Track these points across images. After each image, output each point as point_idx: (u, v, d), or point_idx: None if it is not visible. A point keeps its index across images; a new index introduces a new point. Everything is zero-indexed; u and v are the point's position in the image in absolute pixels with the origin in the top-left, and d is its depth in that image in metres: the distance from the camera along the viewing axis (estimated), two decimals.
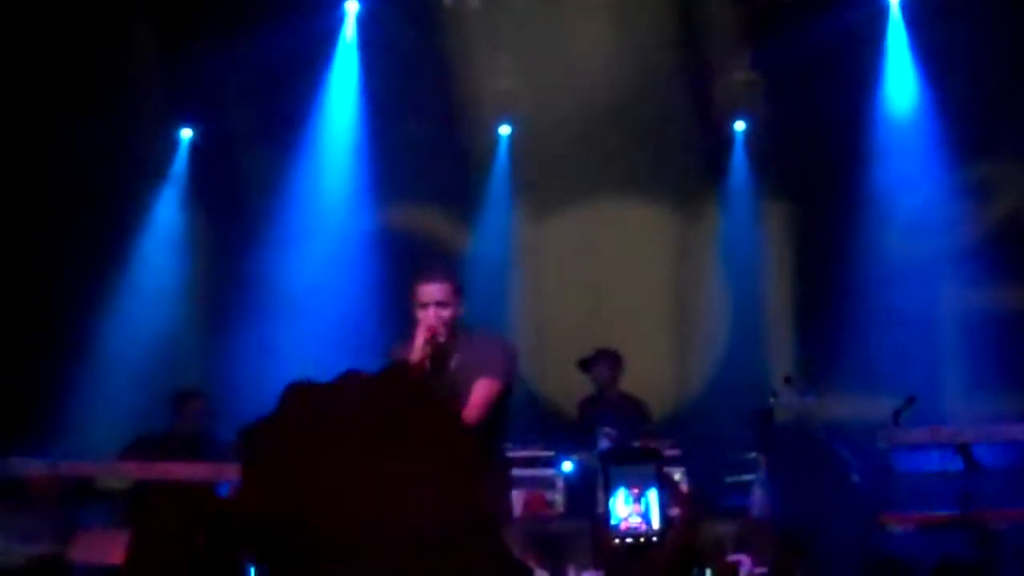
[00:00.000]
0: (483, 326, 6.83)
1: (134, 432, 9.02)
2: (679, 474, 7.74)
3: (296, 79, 10.94)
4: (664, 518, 2.46)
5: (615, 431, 8.60)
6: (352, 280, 10.82)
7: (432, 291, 6.31)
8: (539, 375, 10.13)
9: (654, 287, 11.21)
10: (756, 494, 8.57)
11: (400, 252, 10.64)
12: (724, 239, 11.23)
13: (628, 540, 2.47)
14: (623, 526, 2.47)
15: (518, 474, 8.19)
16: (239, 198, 10.84)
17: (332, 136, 11.14)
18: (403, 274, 9.29)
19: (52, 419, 9.37)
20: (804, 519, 8.62)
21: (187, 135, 11.21)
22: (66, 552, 7.71)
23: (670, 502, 2.47)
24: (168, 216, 10.92)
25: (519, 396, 7.20)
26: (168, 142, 11.03)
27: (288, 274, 10.76)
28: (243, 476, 1.84)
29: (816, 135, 10.60)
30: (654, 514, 2.46)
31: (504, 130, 11.57)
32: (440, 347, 6.20)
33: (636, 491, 2.46)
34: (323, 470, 1.74)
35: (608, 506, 2.47)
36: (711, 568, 4.75)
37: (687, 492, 2.17)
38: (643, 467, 2.48)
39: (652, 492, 2.47)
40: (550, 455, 8.80)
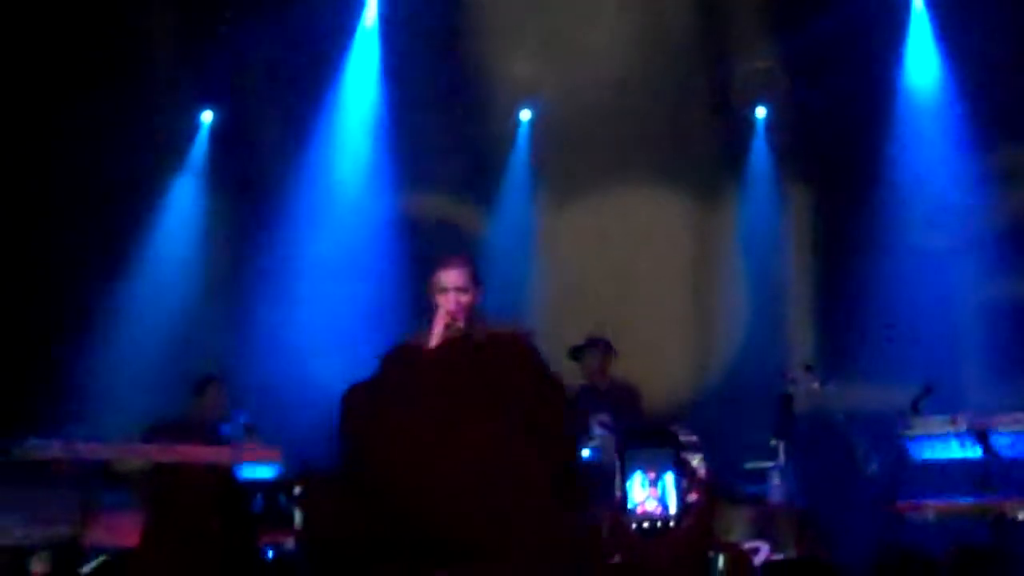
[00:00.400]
0: (502, 314, 6.85)
1: (152, 416, 9.04)
2: (697, 460, 7.70)
3: (317, 63, 10.93)
4: (681, 502, 2.46)
5: (609, 419, 8.56)
6: (370, 266, 10.81)
7: (452, 277, 6.30)
8: (558, 362, 10.09)
9: (674, 273, 11.18)
10: (774, 481, 8.55)
11: (418, 238, 10.63)
12: (744, 226, 11.19)
13: (644, 524, 2.46)
14: (639, 510, 2.47)
15: None
16: (258, 181, 10.83)
17: (351, 120, 11.13)
18: (421, 260, 9.32)
19: (70, 402, 9.39)
20: (822, 506, 8.61)
21: (207, 118, 11.20)
22: (84, 534, 7.74)
23: (687, 487, 2.47)
24: (187, 199, 10.93)
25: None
26: (188, 124, 11.04)
27: (306, 258, 10.76)
28: (346, 435, 1.84)
29: (836, 121, 10.56)
30: (671, 498, 2.46)
31: (525, 115, 11.53)
32: (458, 333, 6.21)
33: (653, 475, 2.46)
34: (426, 428, 1.74)
35: (625, 490, 2.46)
36: (724, 555, 4.73)
37: (704, 477, 2.15)
38: (660, 451, 2.47)
39: (669, 476, 2.47)
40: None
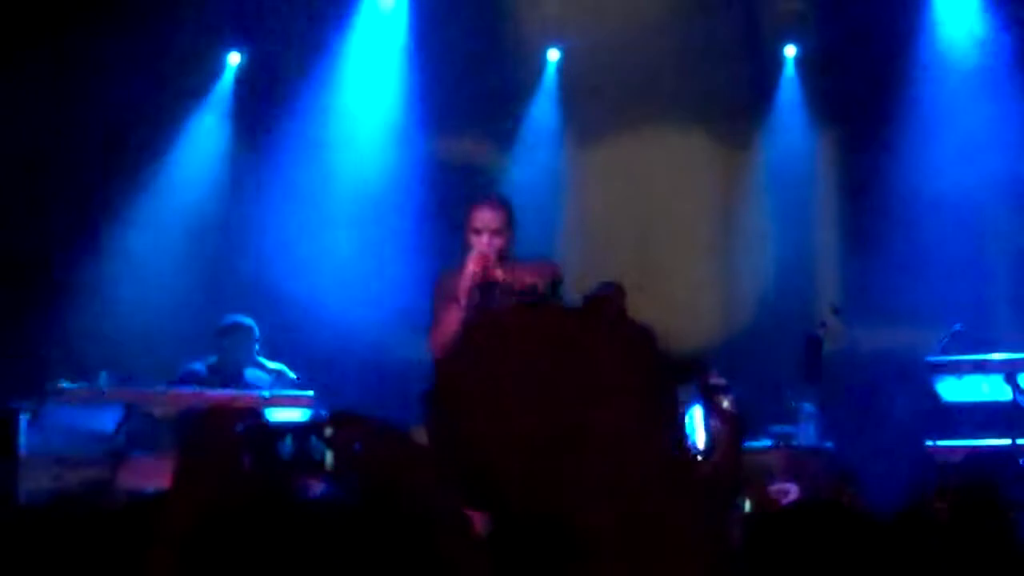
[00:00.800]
0: (530, 256, 6.87)
1: (180, 360, 9.05)
2: (727, 402, 7.68)
3: (344, 5, 10.85)
4: (709, 435, 2.42)
5: None
6: (394, 209, 10.77)
7: (487, 218, 6.38)
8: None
9: (701, 216, 11.11)
10: (803, 423, 8.54)
11: (442, 181, 10.57)
12: (772, 167, 11.10)
13: None
14: None
15: None
16: (283, 124, 10.77)
17: (378, 62, 11.04)
18: (447, 204, 9.29)
19: (99, 347, 9.40)
20: (851, 448, 8.59)
21: (235, 60, 11.04)
22: (115, 478, 7.78)
23: (714, 419, 2.43)
24: (212, 140, 10.86)
25: None
26: (215, 65, 10.93)
27: (328, 204, 10.72)
28: (434, 413, 1.81)
29: (867, 61, 10.43)
30: (698, 431, 2.42)
31: (552, 56, 11.37)
32: (491, 274, 6.24)
33: (679, 408, 2.42)
34: (516, 406, 1.70)
35: None
36: (751, 498, 4.71)
37: (731, 410, 2.12)
38: (686, 384, 2.43)
39: (696, 409, 2.43)
40: None
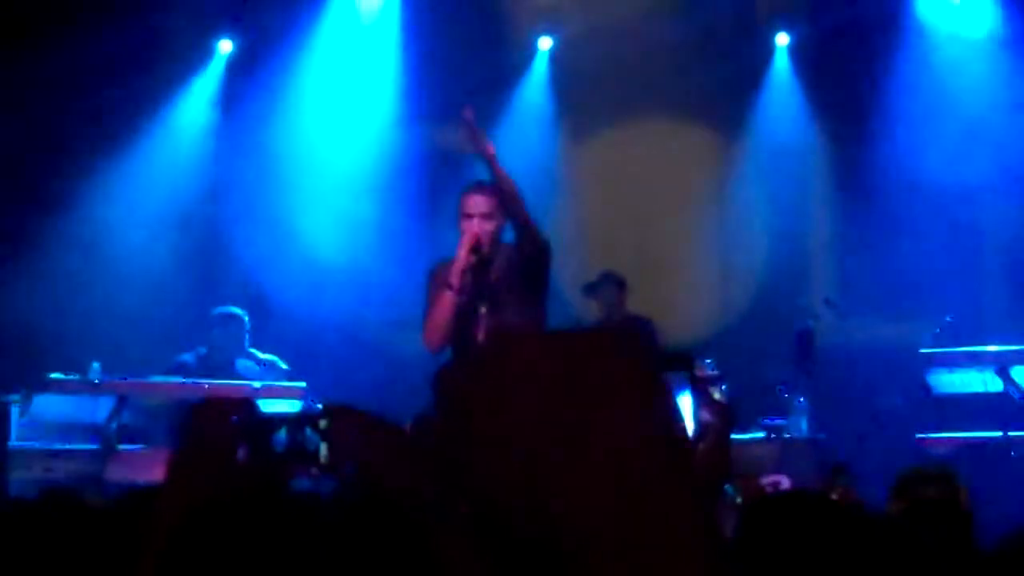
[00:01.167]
0: None
1: (173, 350, 9.05)
2: (718, 393, 7.69)
3: None
4: (697, 424, 2.41)
5: None
6: (383, 196, 10.76)
7: (478, 202, 6.51)
8: (580, 299, 10.03)
9: (695, 206, 11.11)
10: (795, 415, 8.54)
11: (435, 171, 10.55)
12: (764, 157, 11.09)
13: None
14: None
15: None
16: (273, 113, 10.75)
17: (367, 49, 11.00)
18: (438, 193, 9.28)
19: (90, 337, 9.40)
20: (843, 440, 8.60)
21: (226, 49, 11.00)
22: (105, 470, 7.78)
23: (702, 408, 2.42)
24: (201, 126, 10.82)
25: (561, 319, 7.26)
26: (205, 53, 10.89)
27: (320, 191, 10.71)
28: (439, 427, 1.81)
29: (861, 49, 10.44)
30: (687, 420, 2.41)
31: (544, 44, 11.33)
32: (483, 258, 6.31)
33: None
34: (525, 426, 1.69)
35: None
36: (739, 487, 4.71)
37: (721, 401, 2.11)
38: (675, 374, 2.43)
39: (684, 397, 2.42)
40: None
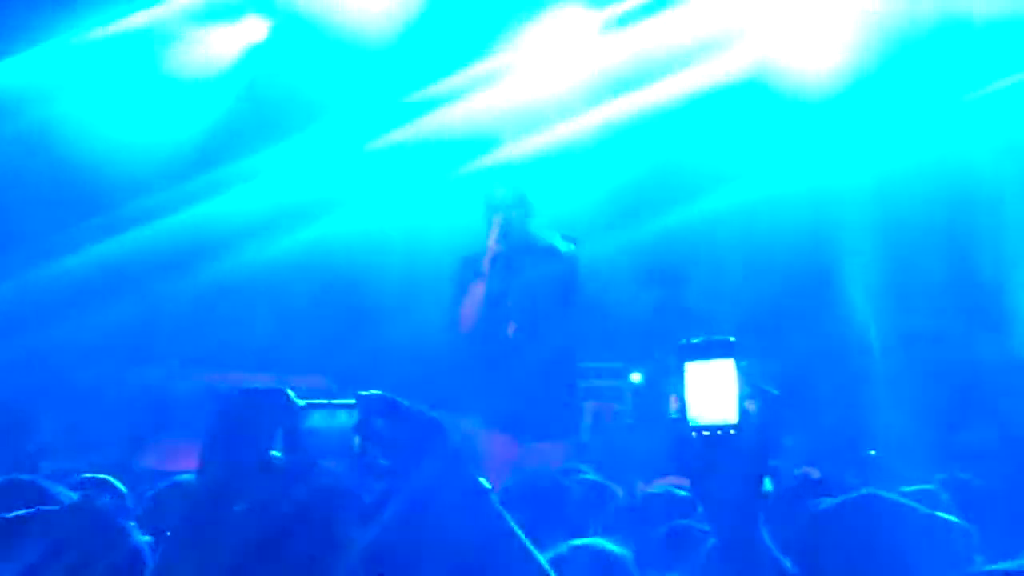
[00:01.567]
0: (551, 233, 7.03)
1: None
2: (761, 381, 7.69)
3: None
4: (742, 411, 2.42)
5: None
6: None
7: (502, 195, 6.61)
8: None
9: None
10: None
11: None
12: None
13: (705, 433, 2.43)
14: (699, 421, 2.44)
15: (587, 385, 8.22)
16: None
17: None
18: None
19: None
20: None
21: None
22: (134, 459, 7.84)
23: (747, 395, 2.43)
24: None
25: (590, 307, 7.30)
26: None
27: None
28: None
29: None
30: (732, 407, 2.42)
31: None
32: (511, 246, 6.64)
33: (712, 385, 2.43)
34: None
35: (683, 402, 2.44)
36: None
37: (765, 389, 2.15)
38: (720, 361, 2.44)
39: (729, 385, 2.43)
40: (619, 366, 8.81)
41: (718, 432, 2.39)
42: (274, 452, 2.78)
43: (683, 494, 4.19)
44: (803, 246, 9.04)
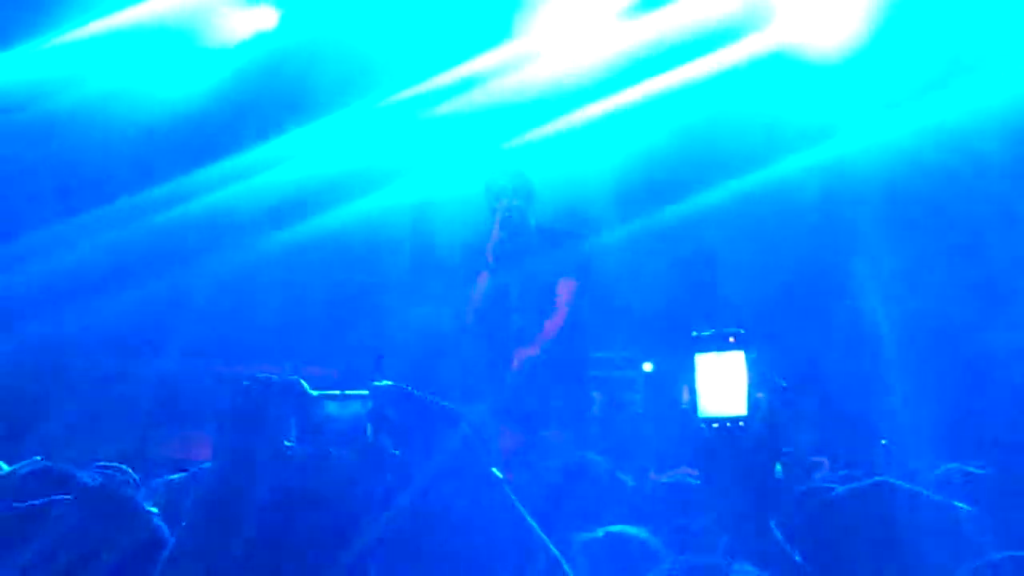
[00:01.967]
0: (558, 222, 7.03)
1: None
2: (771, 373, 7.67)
3: None
4: (752, 403, 2.43)
5: None
6: None
7: (505, 184, 6.58)
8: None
9: None
10: None
11: None
12: None
13: (715, 425, 2.44)
14: (709, 412, 2.45)
15: (599, 375, 8.21)
16: None
17: None
18: None
19: None
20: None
21: None
22: (149, 448, 7.86)
23: (756, 386, 2.44)
24: None
25: (599, 297, 7.29)
26: None
27: None
28: None
29: None
30: (741, 399, 2.43)
31: None
32: (513, 235, 6.62)
33: (722, 377, 2.43)
34: None
35: (693, 393, 2.45)
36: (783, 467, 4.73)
37: (774, 379, 2.15)
38: (730, 353, 2.45)
39: (739, 377, 2.44)
40: (631, 356, 8.80)
41: (727, 424, 2.40)
42: (287, 442, 2.78)
43: (695, 483, 4.21)
44: (813, 234, 9.02)
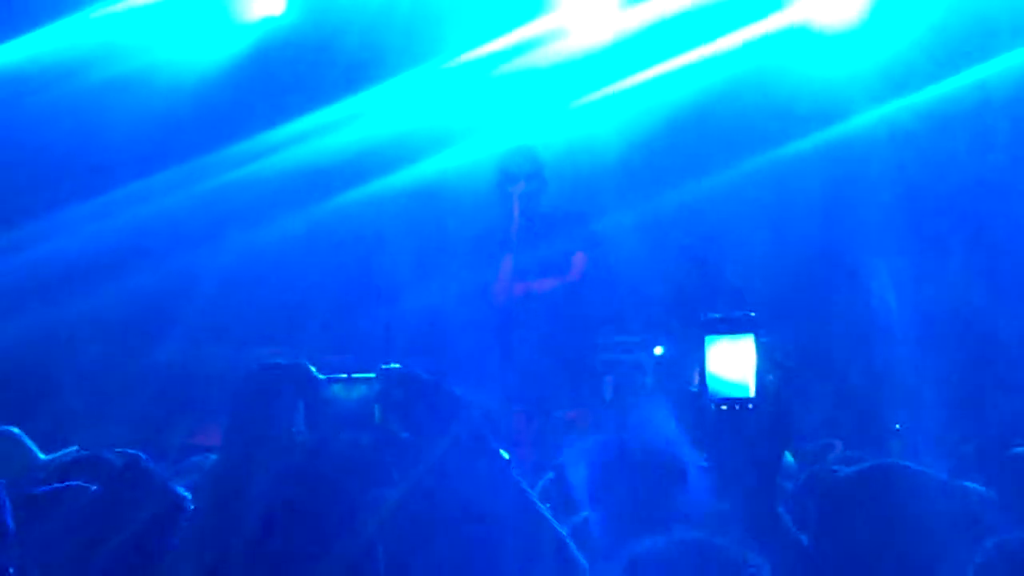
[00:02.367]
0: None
1: None
2: (779, 354, 7.66)
3: None
4: (761, 385, 2.44)
5: None
6: None
7: (520, 165, 6.86)
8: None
9: None
10: None
11: None
12: None
13: (723, 407, 2.45)
14: (720, 394, 2.45)
15: (610, 358, 8.20)
16: None
17: None
18: None
19: None
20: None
21: None
22: (160, 433, 7.88)
23: (765, 369, 2.45)
24: None
25: (612, 280, 7.37)
26: None
27: None
28: None
29: None
30: (751, 381, 2.44)
31: None
32: (532, 218, 6.77)
33: (732, 359, 2.44)
34: None
35: (704, 375, 2.46)
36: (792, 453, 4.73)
37: (783, 361, 2.16)
38: (740, 335, 2.45)
39: (749, 359, 2.44)
40: (642, 339, 8.78)
41: (736, 406, 2.41)
42: (296, 426, 2.79)
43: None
44: (824, 217, 9.00)
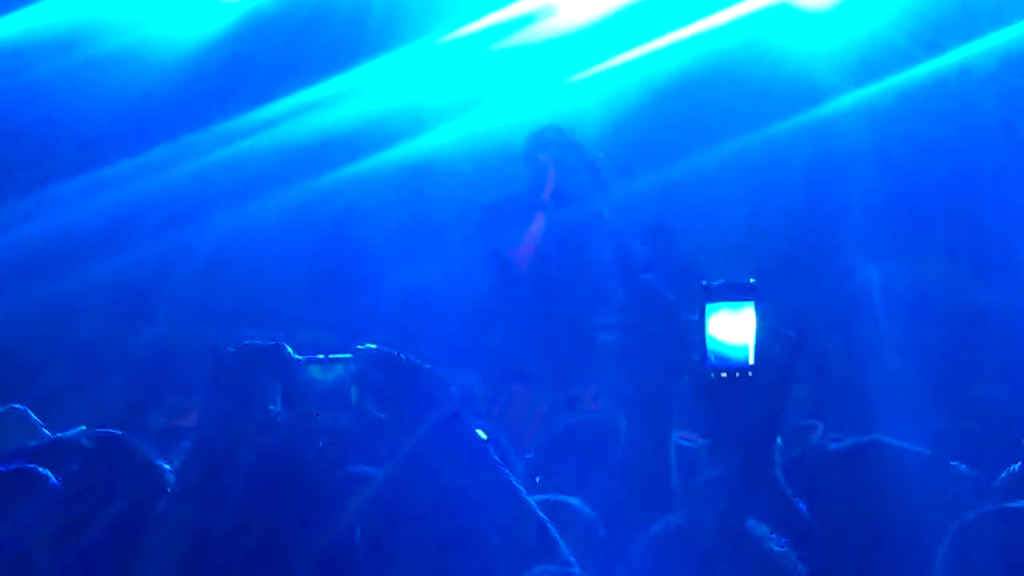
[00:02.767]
0: None
1: None
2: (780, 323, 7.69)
3: None
4: (760, 353, 2.44)
5: None
6: None
7: (552, 136, 6.97)
8: None
9: None
10: None
11: None
12: None
13: (723, 374, 2.45)
14: (719, 361, 2.46)
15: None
16: None
17: None
18: None
19: None
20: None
21: None
22: (141, 415, 7.85)
23: (766, 338, 2.45)
24: None
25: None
26: None
27: None
28: None
29: None
30: (750, 349, 2.44)
31: None
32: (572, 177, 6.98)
33: (733, 326, 2.45)
34: None
35: (703, 343, 2.46)
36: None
37: (784, 331, 2.17)
38: (740, 303, 2.46)
39: (748, 327, 2.45)
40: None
41: (736, 373, 2.42)
42: (272, 407, 2.77)
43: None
44: (804, 193, 9.01)
